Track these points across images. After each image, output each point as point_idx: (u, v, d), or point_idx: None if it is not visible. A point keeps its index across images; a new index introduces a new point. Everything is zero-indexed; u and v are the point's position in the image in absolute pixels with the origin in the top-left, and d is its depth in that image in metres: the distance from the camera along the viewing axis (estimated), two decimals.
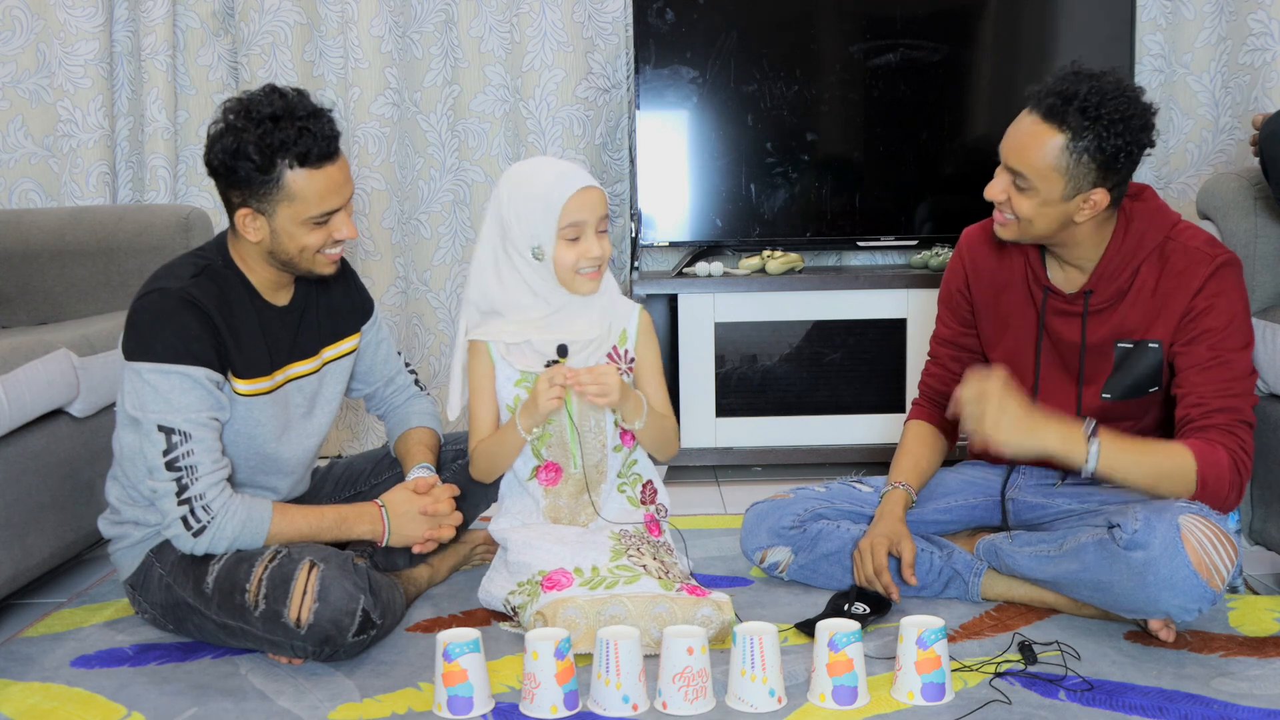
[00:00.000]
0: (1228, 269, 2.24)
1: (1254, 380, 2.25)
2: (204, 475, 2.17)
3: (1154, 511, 2.12)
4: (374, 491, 2.57)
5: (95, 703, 2.08)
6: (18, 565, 2.39)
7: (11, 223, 3.05)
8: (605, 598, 2.16)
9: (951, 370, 2.52)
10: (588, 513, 2.37)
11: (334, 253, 2.26)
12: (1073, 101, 2.12)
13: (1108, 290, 2.29)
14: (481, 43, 3.67)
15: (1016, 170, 2.19)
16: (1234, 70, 3.56)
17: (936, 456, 2.55)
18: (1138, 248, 2.27)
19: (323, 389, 2.42)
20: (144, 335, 2.18)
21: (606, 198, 2.31)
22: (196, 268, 2.24)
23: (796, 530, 2.48)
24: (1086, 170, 2.15)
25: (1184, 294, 2.24)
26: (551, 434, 2.35)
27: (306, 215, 2.18)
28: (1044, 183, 2.17)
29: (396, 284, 3.74)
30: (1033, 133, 2.16)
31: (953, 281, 2.52)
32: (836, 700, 1.97)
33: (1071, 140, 2.13)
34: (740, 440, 3.48)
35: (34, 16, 3.57)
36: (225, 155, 2.15)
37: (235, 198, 2.20)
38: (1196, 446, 2.15)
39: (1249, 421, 2.20)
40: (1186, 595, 2.09)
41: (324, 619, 2.12)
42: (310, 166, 2.16)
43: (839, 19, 3.54)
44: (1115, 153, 2.14)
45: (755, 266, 3.51)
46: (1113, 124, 2.12)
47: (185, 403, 2.16)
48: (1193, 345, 2.24)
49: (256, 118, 2.14)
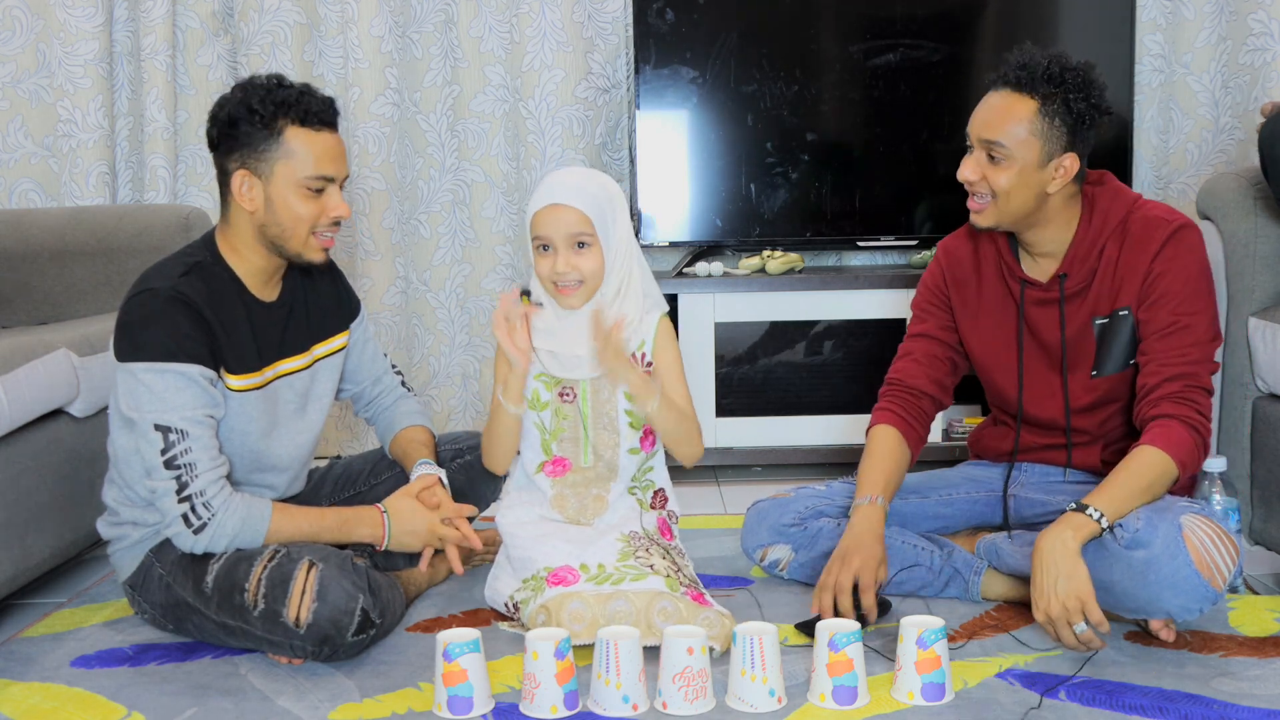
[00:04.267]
0: (1185, 231, 2.31)
1: (1215, 345, 2.30)
2: (203, 472, 2.17)
3: (1155, 511, 2.12)
4: (373, 492, 2.57)
5: (95, 703, 2.08)
6: (18, 565, 2.39)
7: (11, 223, 3.05)
8: (611, 593, 2.16)
9: (925, 365, 2.50)
10: (597, 504, 2.37)
11: (327, 237, 2.28)
12: (1038, 71, 2.26)
13: (1080, 272, 2.35)
14: (481, 43, 3.67)
15: (993, 140, 2.27)
16: (1234, 70, 3.56)
17: (904, 468, 2.44)
18: (1103, 227, 2.34)
19: (315, 386, 2.42)
20: (136, 335, 2.19)
21: (586, 218, 2.23)
22: (185, 266, 2.25)
23: (797, 528, 2.48)
24: (1059, 133, 2.26)
25: (1144, 258, 2.31)
26: (565, 428, 2.34)
27: (303, 174, 2.22)
28: (1021, 148, 2.26)
29: (396, 284, 3.74)
30: (1005, 104, 2.28)
31: (931, 282, 2.55)
32: (836, 700, 1.97)
33: (1043, 105, 2.26)
34: (740, 440, 3.48)
35: (34, 16, 3.57)
36: (231, 108, 2.22)
37: (233, 162, 2.23)
38: (1158, 437, 2.18)
39: (1204, 387, 2.26)
40: (1188, 595, 2.09)
41: (323, 618, 2.12)
42: (310, 127, 2.23)
43: (839, 19, 3.54)
44: (1081, 115, 2.26)
45: (755, 266, 3.51)
46: (1077, 88, 2.26)
47: (181, 400, 2.17)
48: (1154, 309, 2.30)
49: (264, 83, 2.24)
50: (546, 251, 2.26)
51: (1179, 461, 2.16)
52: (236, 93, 2.25)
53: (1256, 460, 2.56)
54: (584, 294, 2.28)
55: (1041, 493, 2.46)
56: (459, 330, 3.77)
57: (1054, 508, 2.41)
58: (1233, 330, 2.59)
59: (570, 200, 2.24)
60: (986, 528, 2.54)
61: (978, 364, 2.52)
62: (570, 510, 2.36)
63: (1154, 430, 2.20)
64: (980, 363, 2.51)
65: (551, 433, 2.34)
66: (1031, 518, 2.46)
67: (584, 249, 2.25)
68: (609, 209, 2.27)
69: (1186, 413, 2.21)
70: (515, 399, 2.31)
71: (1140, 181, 3.65)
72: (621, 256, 2.29)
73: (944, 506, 2.53)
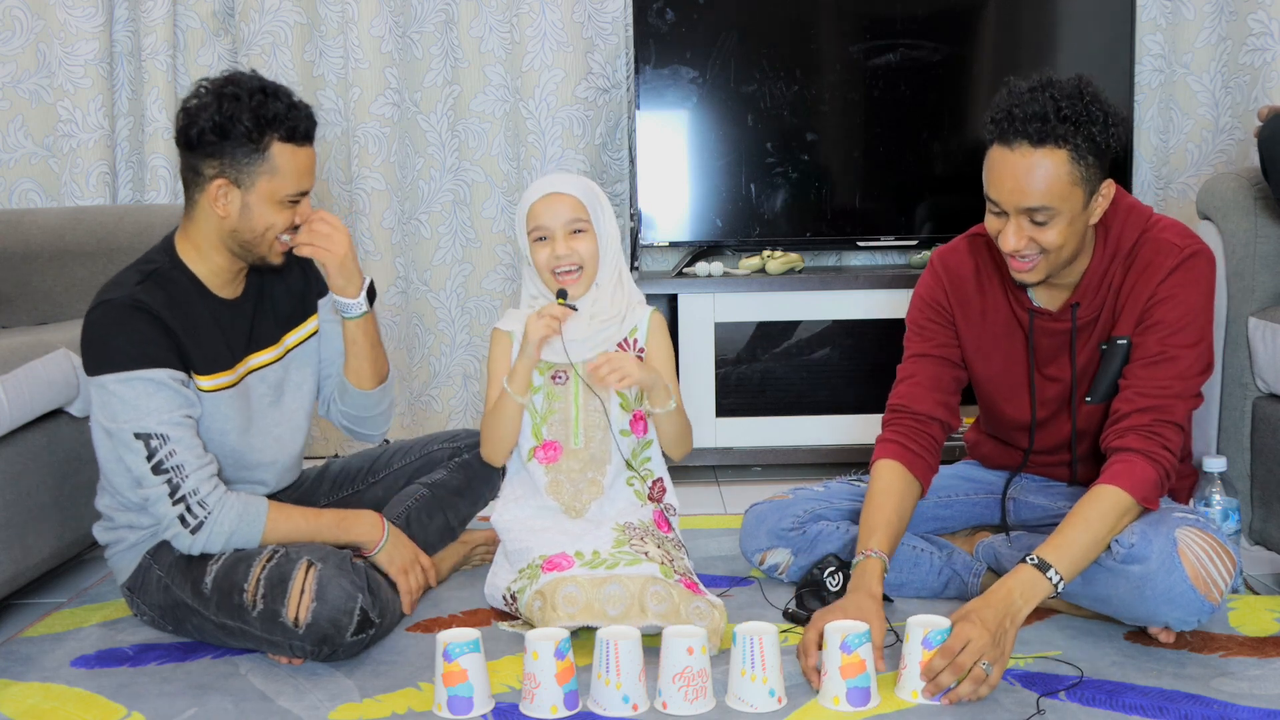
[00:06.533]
0: (1194, 260, 2.21)
1: (1202, 379, 2.21)
2: (193, 472, 2.17)
3: (1150, 524, 2.11)
4: (370, 491, 2.58)
5: (95, 703, 2.08)
6: (18, 565, 2.39)
7: (11, 223, 3.05)
8: (605, 577, 2.17)
9: (930, 388, 2.39)
10: (592, 488, 2.37)
11: (287, 240, 2.28)
12: (1049, 119, 2.10)
13: (1093, 302, 2.27)
14: (481, 43, 3.67)
15: (1036, 207, 2.13)
16: (1234, 70, 3.56)
17: (908, 507, 2.32)
18: (1116, 252, 2.25)
19: (289, 376, 2.41)
20: (99, 348, 2.19)
21: (581, 204, 2.35)
22: (142, 274, 2.24)
23: (796, 532, 2.48)
24: (1094, 170, 2.15)
25: (1149, 283, 2.21)
26: (555, 410, 2.36)
27: (284, 192, 2.22)
28: (1067, 202, 2.13)
29: (396, 284, 3.74)
30: (1035, 164, 2.11)
31: (930, 297, 2.42)
32: (851, 702, 1.96)
33: (1073, 151, 2.12)
34: (740, 440, 3.48)
35: (34, 16, 3.57)
36: (219, 119, 2.17)
37: (212, 168, 2.21)
38: (1120, 474, 2.11)
39: (1175, 422, 2.16)
40: (1185, 609, 2.09)
41: (322, 618, 2.12)
42: (295, 143, 2.22)
43: (839, 19, 3.54)
44: (1105, 141, 2.15)
45: (755, 266, 3.51)
46: (1090, 118, 2.13)
47: (154, 405, 2.16)
48: (1145, 335, 2.21)
49: (248, 89, 2.19)
50: (544, 241, 2.35)
51: (1141, 498, 2.11)
52: (219, 101, 2.17)
53: (1256, 460, 2.56)
54: (584, 282, 2.37)
55: (1042, 497, 2.46)
56: (459, 330, 3.77)
57: (1054, 512, 2.41)
58: (1233, 330, 2.59)
59: (565, 189, 2.36)
60: (986, 528, 2.53)
61: (982, 390, 2.43)
62: (565, 496, 2.37)
63: (1117, 466, 2.13)
64: (985, 389, 2.43)
65: (542, 416, 2.37)
66: (1031, 520, 2.46)
67: (580, 235, 2.36)
68: (599, 200, 2.40)
69: (1151, 447, 2.13)
70: (521, 388, 2.35)
71: (1140, 181, 3.65)
72: (614, 247, 2.40)
73: (943, 508, 2.53)
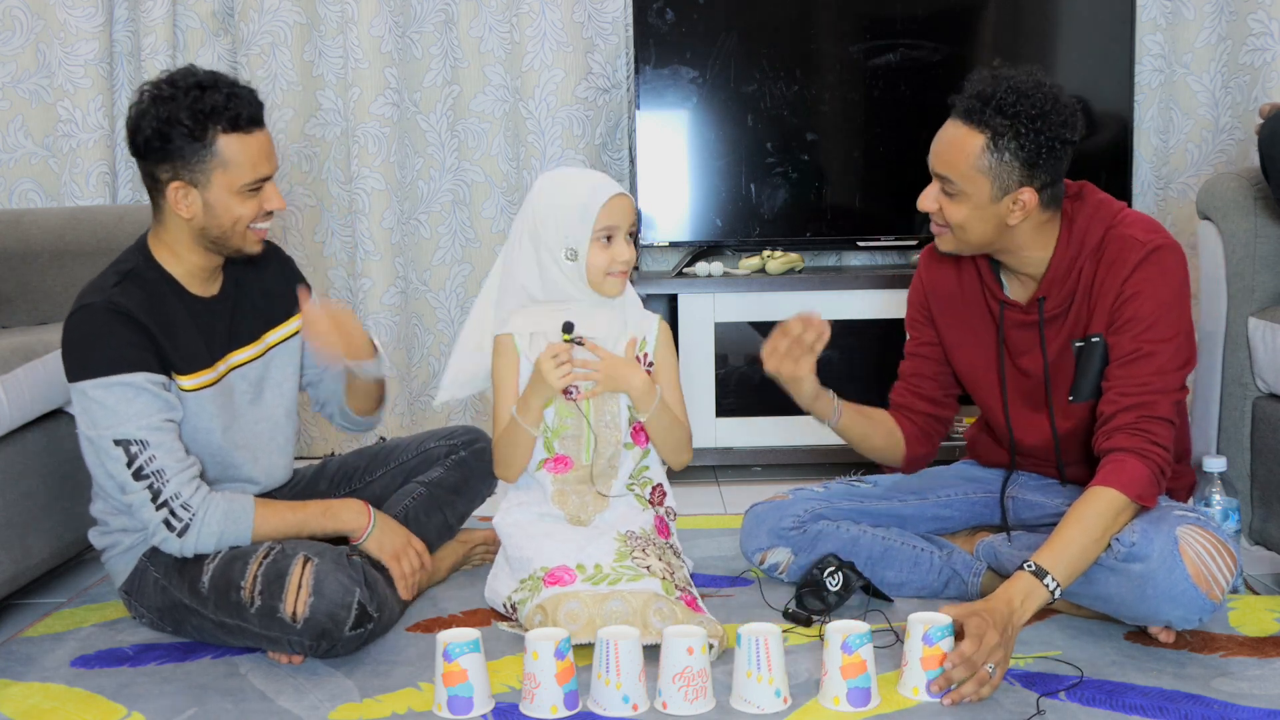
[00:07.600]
0: (1160, 253, 2.19)
1: (1183, 372, 2.20)
2: (173, 476, 2.17)
3: (1151, 523, 2.11)
4: (368, 489, 2.58)
5: (95, 703, 2.08)
6: (18, 565, 2.39)
7: (11, 223, 3.05)
8: (607, 593, 2.17)
9: (915, 385, 2.47)
10: (598, 502, 2.37)
11: (262, 228, 2.27)
12: (990, 101, 2.12)
13: (1059, 294, 2.26)
14: (481, 43, 3.67)
15: (944, 176, 2.18)
16: (1234, 70, 3.56)
17: (879, 426, 2.45)
18: (1081, 246, 2.24)
19: (270, 373, 2.40)
20: (78, 354, 2.19)
21: (635, 206, 2.35)
22: (118, 275, 2.24)
23: (796, 531, 2.48)
24: (1010, 169, 2.14)
25: (1115, 280, 2.20)
26: (567, 426, 2.35)
27: (241, 182, 2.20)
28: (971, 185, 2.16)
29: (396, 284, 3.74)
30: (955, 137, 2.17)
31: (914, 298, 2.48)
32: (851, 703, 1.96)
33: (992, 139, 2.13)
34: (740, 440, 3.48)
35: (34, 16, 3.57)
36: (158, 124, 2.16)
37: (165, 173, 2.20)
38: (1111, 475, 2.10)
39: (1161, 416, 2.15)
40: (1186, 607, 2.09)
41: (320, 613, 2.12)
42: (242, 131, 2.18)
43: (839, 19, 3.54)
44: (1036, 149, 2.13)
45: (755, 266, 3.51)
46: (1031, 120, 2.11)
47: (133, 411, 2.16)
48: (1119, 334, 2.20)
49: (183, 87, 2.17)
50: (608, 242, 2.32)
51: (1135, 497, 2.10)
52: (156, 105, 2.16)
53: (1256, 460, 2.56)
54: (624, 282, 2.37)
55: (1040, 495, 2.46)
56: (459, 330, 3.76)
57: (1052, 510, 2.40)
58: (1233, 330, 2.59)
59: (623, 189, 2.34)
60: (986, 528, 2.54)
61: (965, 383, 2.47)
62: (571, 507, 2.36)
63: (1108, 467, 2.13)
64: (966, 383, 2.46)
65: (554, 431, 2.35)
66: (1030, 519, 2.46)
67: (632, 235, 2.36)
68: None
69: (1140, 445, 2.13)
70: (534, 421, 2.33)
71: (1140, 181, 3.65)
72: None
73: (943, 508, 2.53)
